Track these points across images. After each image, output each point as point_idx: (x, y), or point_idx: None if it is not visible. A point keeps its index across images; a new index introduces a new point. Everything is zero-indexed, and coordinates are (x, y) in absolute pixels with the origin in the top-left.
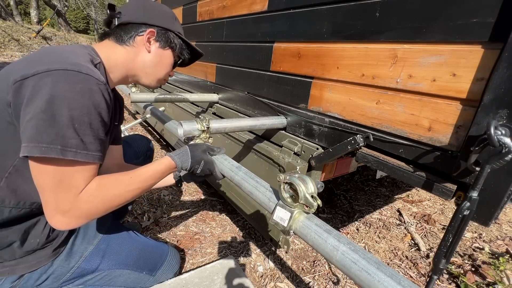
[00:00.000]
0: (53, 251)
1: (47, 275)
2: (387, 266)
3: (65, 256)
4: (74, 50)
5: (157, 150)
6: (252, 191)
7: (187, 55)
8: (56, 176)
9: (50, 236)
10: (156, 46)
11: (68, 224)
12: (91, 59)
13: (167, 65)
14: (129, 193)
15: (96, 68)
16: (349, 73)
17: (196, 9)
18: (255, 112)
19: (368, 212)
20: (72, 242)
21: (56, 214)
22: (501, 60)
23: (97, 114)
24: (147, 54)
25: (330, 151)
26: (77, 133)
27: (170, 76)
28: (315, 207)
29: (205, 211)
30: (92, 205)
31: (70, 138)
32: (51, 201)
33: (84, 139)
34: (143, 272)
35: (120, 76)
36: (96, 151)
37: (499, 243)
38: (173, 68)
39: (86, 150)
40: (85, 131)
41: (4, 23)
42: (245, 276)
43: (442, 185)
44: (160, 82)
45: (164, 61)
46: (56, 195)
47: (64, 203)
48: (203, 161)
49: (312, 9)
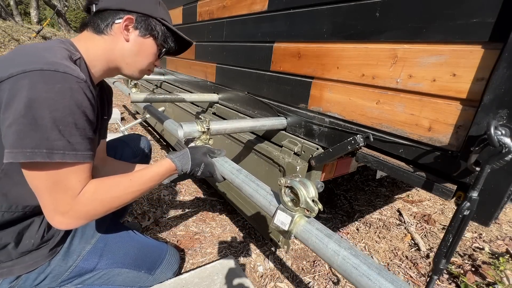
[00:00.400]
0: (49, 251)
1: (45, 274)
2: (388, 271)
3: (62, 256)
4: (50, 47)
5: (157, 150)
6: (252, 194)
7: (172, 43)
8: (50, 179)
9: (44, 237)
10: (135, 34)
11: (68, 224)
12: (70, 55)
13: (149, 54)
14: (129, 195)
15: (75, 65)
16: (349, 73)
17: (196, 9)
18: (255, 112)
19: (368, 212)
20: (69, 242)
21: (55, 215)
22: (501, 60)
23: (81, 113)
24: (126, 43)
25: (330, 151)
26: (63, 135)
27: (155, 66)
28: (316, 212)
29: (205, 211)
30: (91, 207)
31: (56, 140)
32: (49, 203)
33: (71, 140)
34: (141, 271)
35: (102, 69)
36: (86, 150)
37: (499, 243)
38: (159, 57)
39: (74, 150)
40: (71, 132)
41: (4, 23)
42: (245, 276)
43: (442, 185)
44: (143, 72)
45: (145, 51)
46: (53, 197)
47: (63, 204)
48: (204, 164)
49: (312, 9)
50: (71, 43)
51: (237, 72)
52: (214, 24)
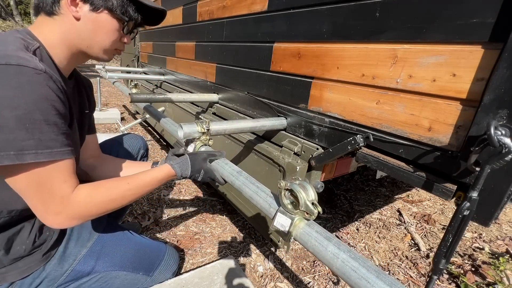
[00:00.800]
0: (42, 255)
1: (40, 279)
2: (387, 274)
3: (58, 260)
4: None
5: (157, 150)
6: (253, 196)
7: (134, 13)
8: (32, 181)
9: (36, 242)
10: (86, 9)
11: (61, 223)
12: (26, 45)
13: (109, 31)
14: (126, 199)
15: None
16: (349, 73)
17: (196, 9)
18: (255, 112)
19: (368, 212)
20: (65, 245)
21: (48, 216)
22: (501, 60)
23: (49, 107)
24: (77, 22)
25: (330, 151)
26: (32, 133)
27: (125, 43)
28: (316, 215)
29: (205, 211)
30: (85, 208)
31: (24, 140)
32: (39, 206)
33: (42, 137)
34: (139, 273)
35: (66, 56)
36: (62, 146)
37: (499, 243)
38: (128, 33)
39: (48, 148)
40: (41, 129)
41: (4, 23)
42: (245, 276)
43: (442, 185)
44: (109, 52)
45: (103, 27)
46: (41, 199)
47: (54, 205)
48: (203, 170)
49: (312, 9)
50: (29, 32)
51: (237, 72)
52: (214, 24)
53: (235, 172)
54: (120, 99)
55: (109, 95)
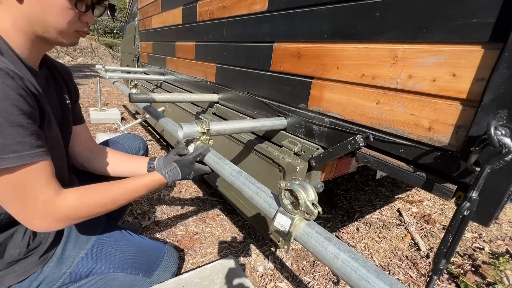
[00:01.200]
0: (39, 258)
1: (38, 282)
2: (387, 274)
3: (56, 262)
4: None
5: (157, 150)
6: (253, 196)
7: None
8: (7, 188)
9: (30, 245)
10: None
11: (47, 227)
12: None
13: (60, 11)
14: (116, 203)
15: None
16: (349, 73)
17: (196, 9)
18: (255, 112)
19: (368, 212)
20: (63, 247)
21: (32, 220)
22: (501, 60)
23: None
24: (20, 5)
25: (330, 151)
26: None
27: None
28: (316, 215)
29: (205, 211)
30: (74, 210)
31: None
32: (21, 210)
33: (6, 141)
34: (139, 275)
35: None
36: (32, 148)
37: (499, 243)
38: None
39: (15, 152)
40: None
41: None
42: (245, 276)
43: (442, 185)
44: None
45: (52, 6)
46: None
47: (37, 209)
48: (193, 172)
49: (312, 9)
50: None
51: (237, 72)
52: (214, 24)
53: (235, 172)
54: (120, 99)
55: (109, 95)
